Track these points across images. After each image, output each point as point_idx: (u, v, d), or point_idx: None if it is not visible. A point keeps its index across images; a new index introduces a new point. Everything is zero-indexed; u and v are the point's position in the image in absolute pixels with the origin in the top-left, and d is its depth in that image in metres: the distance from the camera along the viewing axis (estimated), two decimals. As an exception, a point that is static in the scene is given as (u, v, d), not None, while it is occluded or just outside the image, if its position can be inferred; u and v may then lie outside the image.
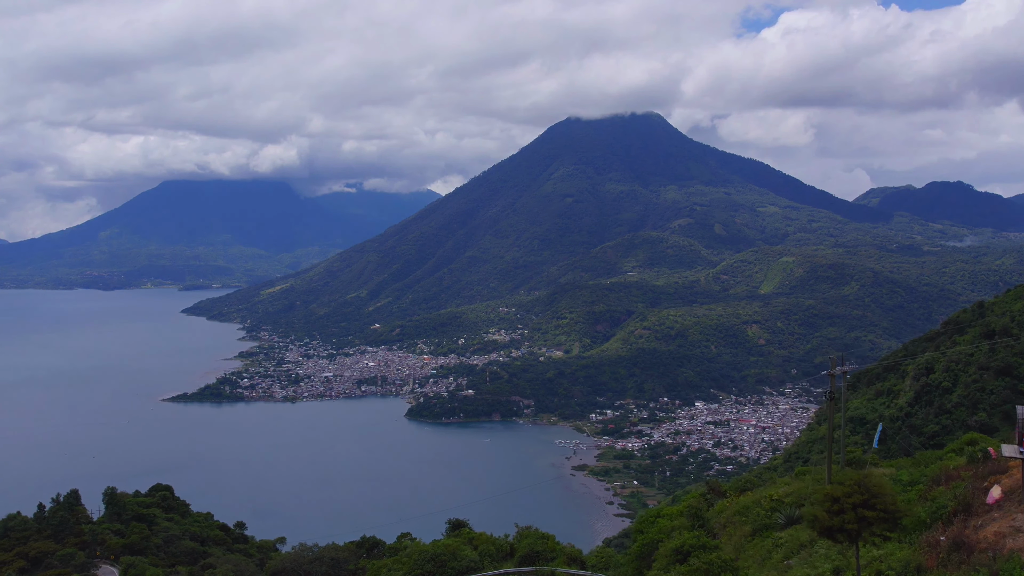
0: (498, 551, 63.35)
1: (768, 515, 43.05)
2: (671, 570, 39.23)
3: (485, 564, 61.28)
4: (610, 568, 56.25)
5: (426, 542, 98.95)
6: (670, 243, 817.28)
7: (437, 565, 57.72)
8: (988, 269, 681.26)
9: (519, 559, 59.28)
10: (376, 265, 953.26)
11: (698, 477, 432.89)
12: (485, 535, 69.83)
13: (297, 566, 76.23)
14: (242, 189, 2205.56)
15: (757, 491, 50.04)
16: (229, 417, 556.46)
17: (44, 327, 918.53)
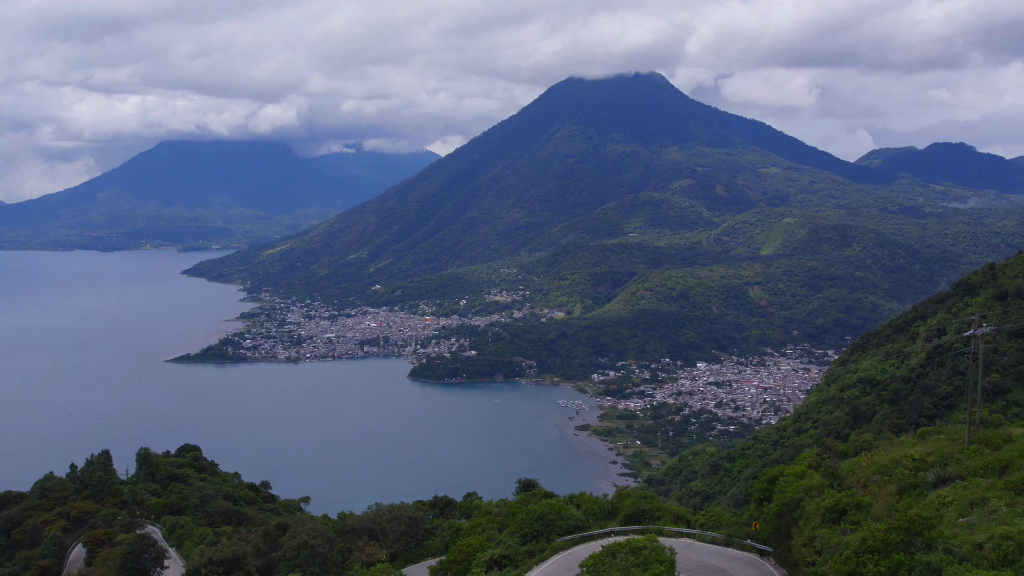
0: (601, 510, 64.08)
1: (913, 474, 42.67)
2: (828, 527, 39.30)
3: (590, 523, 62.29)
4: (721, 527, 56.49)
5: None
6: (672, 204, 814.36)
7: (545, 524, 58.38)
8: (990, 231, 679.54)
9: (623, 518, 59.93)
10: (376, 226, 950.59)
11: (700, 437, 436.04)
12: (586, 494, 70.30)
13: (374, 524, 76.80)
14: (241, 150, 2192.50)
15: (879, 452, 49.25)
16: (233, 378, 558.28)
17: (44, 289, 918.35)
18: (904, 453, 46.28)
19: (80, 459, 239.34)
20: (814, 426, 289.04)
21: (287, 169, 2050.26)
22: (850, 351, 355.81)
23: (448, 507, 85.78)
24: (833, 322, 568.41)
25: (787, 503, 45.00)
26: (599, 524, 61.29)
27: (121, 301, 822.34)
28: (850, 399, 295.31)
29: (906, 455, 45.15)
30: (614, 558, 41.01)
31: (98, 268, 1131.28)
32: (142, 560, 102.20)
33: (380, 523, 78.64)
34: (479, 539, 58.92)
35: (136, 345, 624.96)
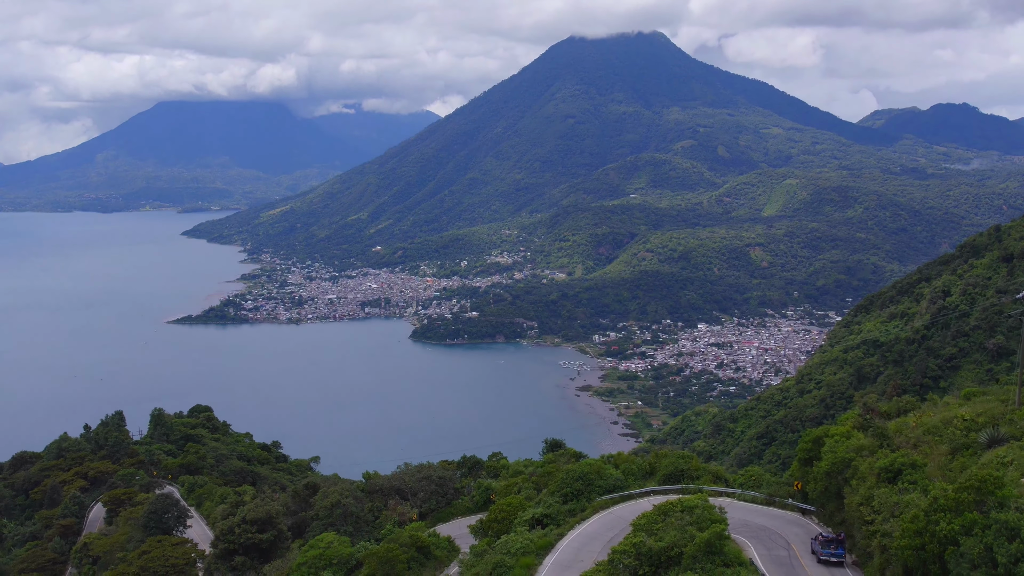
0: (639, 470, 64.62)
1: (964, 435, 42.79)
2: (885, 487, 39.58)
3: (629, 482, 62.86)
4: (762, 487, 56.95)
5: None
6: (673, 165, 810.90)
7: (585, 484, 58.91)
8: (992, 193, 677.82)
9: (662, 478, 60.47)
10: (376, 187, 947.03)
11: (701, 398, 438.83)
12: (624, 454, 70.82)
13: (403, 484, 77.36)
14: (239, 110, 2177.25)
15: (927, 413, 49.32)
16: (236, 339, 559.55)
17: (45, 250, 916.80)
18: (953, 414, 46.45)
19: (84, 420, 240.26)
20: (817, 387, 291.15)
21: (286, 130, 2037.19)
22: (854, 312, 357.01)
23: (476, 467, 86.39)
24: (834, 284, 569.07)
25: (837, 463, 45.29)
26: (638, 483, 61.80)
27: (122, 263, 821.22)
28: (854, 360, 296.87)
29: (956, 416, 45.33)
30: (666, 517, 41.39)
31: (98, 230, 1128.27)
32: (165, 519, 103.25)
33: (409, 483, 79.18)
34: (518, 499, 59.47)
35: (137, 306, 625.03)
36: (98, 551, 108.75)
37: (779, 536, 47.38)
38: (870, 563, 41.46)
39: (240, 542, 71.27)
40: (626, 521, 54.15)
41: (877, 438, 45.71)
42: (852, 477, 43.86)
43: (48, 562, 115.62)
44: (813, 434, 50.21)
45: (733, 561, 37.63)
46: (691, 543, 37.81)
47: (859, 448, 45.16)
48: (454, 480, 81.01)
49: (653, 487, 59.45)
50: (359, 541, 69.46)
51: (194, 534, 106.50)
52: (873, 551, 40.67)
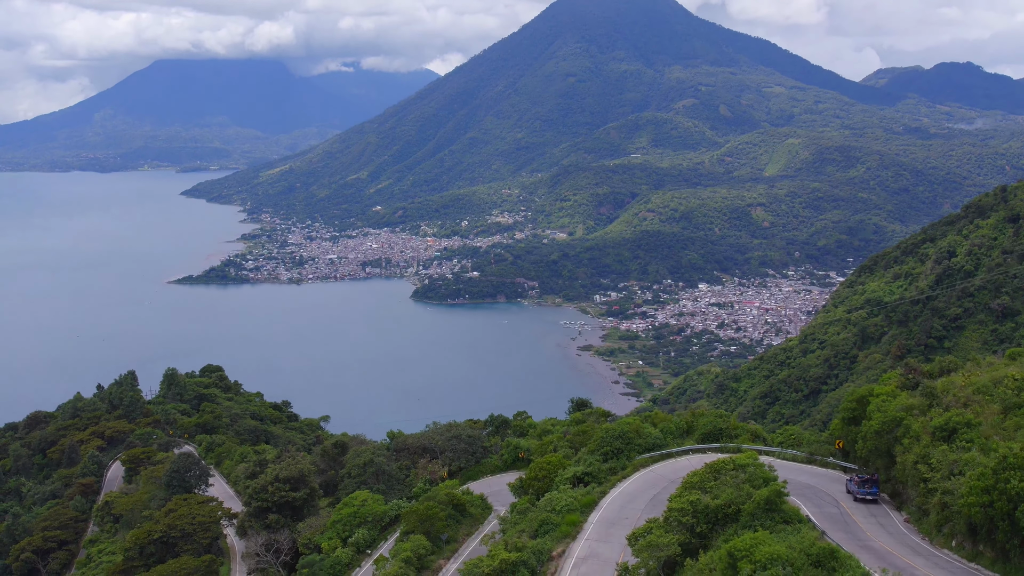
0: (676, 428, 65.04)
1: (1016, 394, 42.97)
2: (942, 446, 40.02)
3: (668, 441, 63.26)
4: (802, 446, 57.46)
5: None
6: (675, 124, 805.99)
7: (625, 442, 59.41)
8: (995, 152, 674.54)
9: (700, 436, 60.99)
10: (376, 147, 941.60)
11: (702, 358, 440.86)
12: (660, 413, 71.29)
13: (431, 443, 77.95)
14: (237, 69, 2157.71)
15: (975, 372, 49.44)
16: (237, 299, 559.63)
17: (44, 210, 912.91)
18: (1002, 374, 46.59)
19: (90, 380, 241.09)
20: (821, 347, 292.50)
21: (285, 88, 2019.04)
22: (857, 273, 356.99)
23: (503, 426, 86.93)
24: (835, 244, 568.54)
25: (887, 422, 45.57)
26: (676, 442, 62.25)
27: (121, 223, 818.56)
28: (858, 320, 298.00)
29: (1006, 375, 45.49)
30: (718, 475, 41.76)
31: (97, 189, 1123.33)
32: (187, 478, 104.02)
33: (438, 441, 79.72)
34: (557, 457, 59.97)
35: (138, 266, 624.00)
36: (120, 509, 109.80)
37: (825, 494, 47.95)
38: (925, 519, 42.05)
39: (273, 500, 71.97)
40: (667, 479, 54.75)
41: (926, 397, 46.00)
42: (903, 436, 44.21)
43: (70, 520, 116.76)
44: (857, 393, 50.49)
45: (792, 518, 38.17)
46: (749, 501, 38.32)
47: (909, 407, 45.47)
48: (482, 439, 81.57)
49: (692, 446, 59.96)
50: (392, 499, 70.17)
51: (215, 493, 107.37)
52: (930, 508, 41.22)
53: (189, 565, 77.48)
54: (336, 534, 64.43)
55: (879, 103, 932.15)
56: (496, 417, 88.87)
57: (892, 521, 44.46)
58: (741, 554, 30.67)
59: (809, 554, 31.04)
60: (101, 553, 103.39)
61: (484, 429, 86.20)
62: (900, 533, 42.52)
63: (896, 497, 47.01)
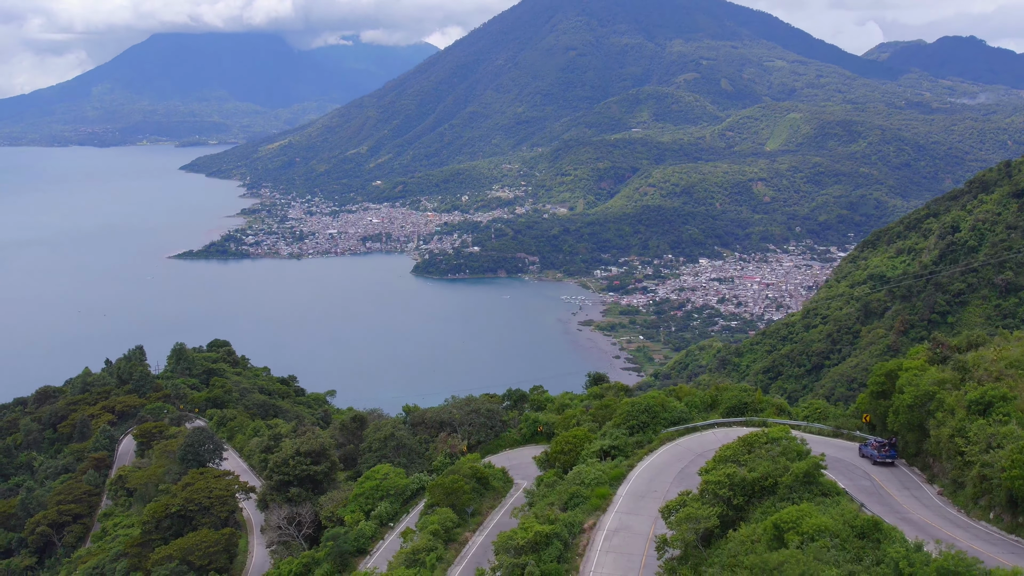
0: (701, 402, 65.62)
1: None
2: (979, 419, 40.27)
3: (693, 415, 63.82)
4: (828, 419, 57.78)
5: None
6: (676, 99, 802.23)
7: (650, 416, 59.78)
8: (997, 127, 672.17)
9: (725, 410, 61.41)
10: (376, 121, 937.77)
11: (703, 333, 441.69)
12: (685, 387, 71.57)
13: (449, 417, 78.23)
14: (236, 42, 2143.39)
15: (1007, 347, 49.49)
16: (238, 274, 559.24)
17: (44, 185, 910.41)
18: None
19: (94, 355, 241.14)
20: (823, 322, 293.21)
21: (283, 62, 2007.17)
22: (860, 248, 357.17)
23: (521, 400, 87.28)
24: (836, 219, 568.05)
25: (920, 396, 45.79)
26: (701, 416, 62.53)
27: (121, 197, 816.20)
28: (860, 296, 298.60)
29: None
30: (752, 449, 42.00)
31: (96, 164, 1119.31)
32: (201, 452, 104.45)
33: (456, 416, 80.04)
34: (583, 430, 60.27)
35: (138, 241, 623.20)
36: (134, 483, 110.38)
37: (856, 467, 48.30)
38: (961, 492, 42.40)
39: (295, 474, 72.36)
40: (694, 452, 55.06)
41: (958, 371, 46.23)
42: (937, 410, 44.46)
43: (84, 494, 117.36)
44: (885, 368, 50.67)
45: (830, 491, 38.49)
46: (786, 474, 38.61)
47: (941, 381, 45.70)
48: (500, 413, 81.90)
49: (717, 419, 60.24)
50: (412, 472, 70.56)
51: (229, 467, 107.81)
52: (966, 481, 41.55)
53: (209, 538, 78.01)
54: (359, 507, 64.85)
55: (881, 77, 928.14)
56: (514, 391, 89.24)
57: (925, 493, 44.91)
58: (788, 526, 30.97)
59: (853, 526, 31.37)
60: (117, 527, 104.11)
61: (501, 403, 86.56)
62: (936, 505, 42.93)
63: (927, 470, 47.41)
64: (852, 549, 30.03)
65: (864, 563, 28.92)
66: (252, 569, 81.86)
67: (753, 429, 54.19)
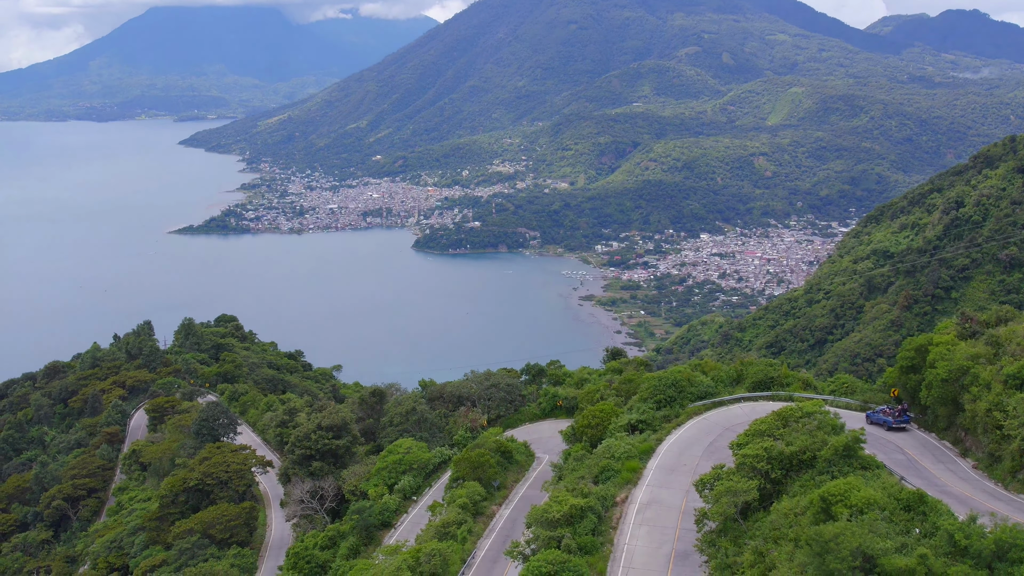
0: (727, 377, 65.89)
1: None
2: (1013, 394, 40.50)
3: (719, 389, 64.17)
4: (855, 393, 58.13)
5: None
6: (677, 72, 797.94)
7: (677, 390, 60.09)
8: (1000, 102, 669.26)
9: (750, 385, 61.72)
10: (375, 95, 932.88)
11: (704, 308, 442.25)
12: (710, 361, 71.85)
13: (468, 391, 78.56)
14: (233, 15, 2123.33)
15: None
16: (239, 249, 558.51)
17: (43, 160, 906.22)
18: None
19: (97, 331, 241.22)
20: (827, 297, 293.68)
21: (282, 36, 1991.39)
22: (863, 222, 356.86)
23: (539, 374, 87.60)
24: (838, 194, 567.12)
25: (954, 371, 45.98)
26: (727, 390, 62.79)
27: (120, 172, 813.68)
28: (864, 271, 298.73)
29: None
30: (786, 424, 42.22)
31: (95, 139, 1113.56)
32: (215, 426, 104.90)
33: (476, 390, 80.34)
34: (609, 405, 60.54)
35: (138, 216, 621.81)
36: (148, 458, 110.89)
37: (888, 441, 48.57)
38: (998, 466, 42.69)
39: (317, 448, 72.74)
40: (721, 427, 55.35)
41: (991, 346, 46.38)
42: (972, 384, 44.66)
43: (97, 468, 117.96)
44: (915, 342, 50.84)
45: (870, 464, 38.74)
46: (825, 447, 38.85)
47: (975, 356, 45.87)
48: (520, 387, 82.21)
49: (743, 394, 60.50)
50: (434, 447, 70.95)
51: (242, 441, 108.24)
52: (1003, 454, 41.83)
53: (230, 512, 78.56)
54: (382, 481, 65.30)
55: (884, 51, 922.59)
56: (532, 366, 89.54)
57: (960, 467, 45.24)
58: (835, 499, 31.19)
59: (899, 499, 31.64)
60: (132, 501, 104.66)
61: (519, 378, 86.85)
62: (973, 479, 43.28)
63: (958, 444, 47.71)
64: (899, 522, 30.31)
65: (913, 535, 29.21)
66: (272, 542, 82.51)
67: (780, 404, 54.52)
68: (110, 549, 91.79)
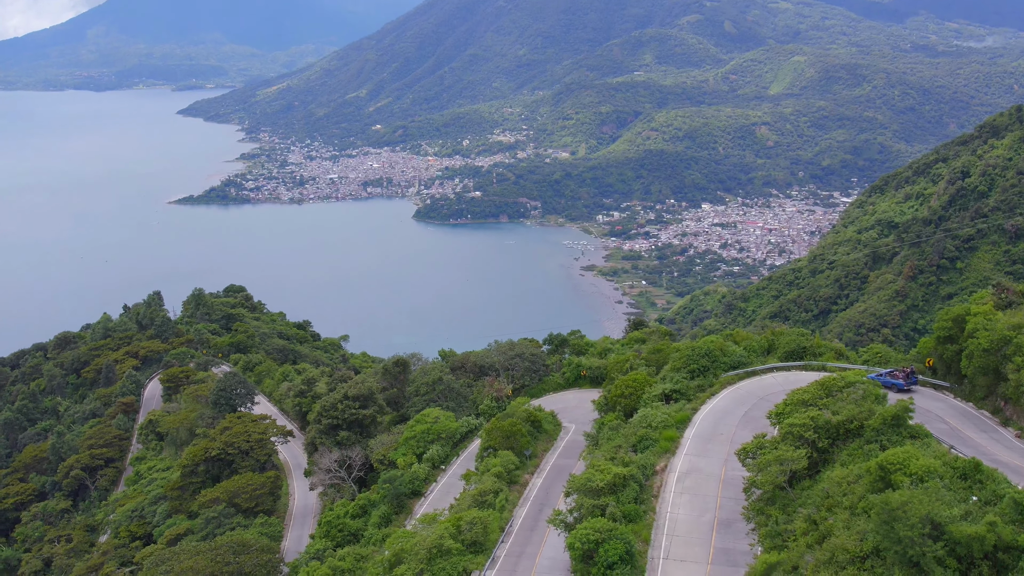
0: (759, 347, 66.19)
1: None
2: None
3: (752, 359, 64.39)
4: (889, 363, 58.37)
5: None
6: (679, 41, 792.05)
7: (711, 360, 60.31)
8: (1004, 71, 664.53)
9: (783, 354, 61.99)
10: (375, 64, 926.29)
11: (705, 278, 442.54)
12: (742, 331, 72.03)
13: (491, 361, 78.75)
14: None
15: None
16: (240, 219, 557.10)
17: (41, 130, 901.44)
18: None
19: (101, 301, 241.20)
20: (830, 268, 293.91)
21: (280, 4, 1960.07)
22: (868, 193, 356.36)
23: (562, 344, 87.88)
24: (840, 163, 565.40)
25: (996, 341, 46.16)
26: (759, 360, 63.02)
27: (119, 142, 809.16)
28: (868, 241, 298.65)
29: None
30: (829, 393, 42.45)
31: (93, 109, 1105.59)
32: (233, 396, 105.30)
33: (500, 360, 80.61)
34: (643, 374, 60.78)
35: (138, 186, 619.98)
36: (165, 427, 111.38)
37: (926, 411, 48.74)
38: (1043, 434, 43.03)
39: (344, 417, 73.10)
40: (756, 396, 55.65)
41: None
42: (1015, 354, 44.85)
43: (114, 438, 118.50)
44: (952, 313, 51.00)
45: (919, 433, 39.00)
46: (873, 416, 39.08)
47: (1017, 326, 46.03)
48: (543, 357, 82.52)
49: (775, 363, 60.72)
50: (460, 416, 71.30)
51: (259, 411, 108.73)
52: (1048, 424, 42.13)
53: (255, 481, 79.08)
54: (410, 450, 65.69)
55: (887, 20, 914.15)
56: (555, 336, 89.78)
57: (1004, 436, 45.58)
58: (894, 467, 31.42)
59: (954, 467, 31.92)
60: (151, 470, 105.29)
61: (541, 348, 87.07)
62: (1018, 447, 43.58)
63: (998, 413, 47.98)
64: (956, 490, 30.59)
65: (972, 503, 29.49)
66: (295, 510, 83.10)
67: (813, 373, 54.74)
68: (132, 518, 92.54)
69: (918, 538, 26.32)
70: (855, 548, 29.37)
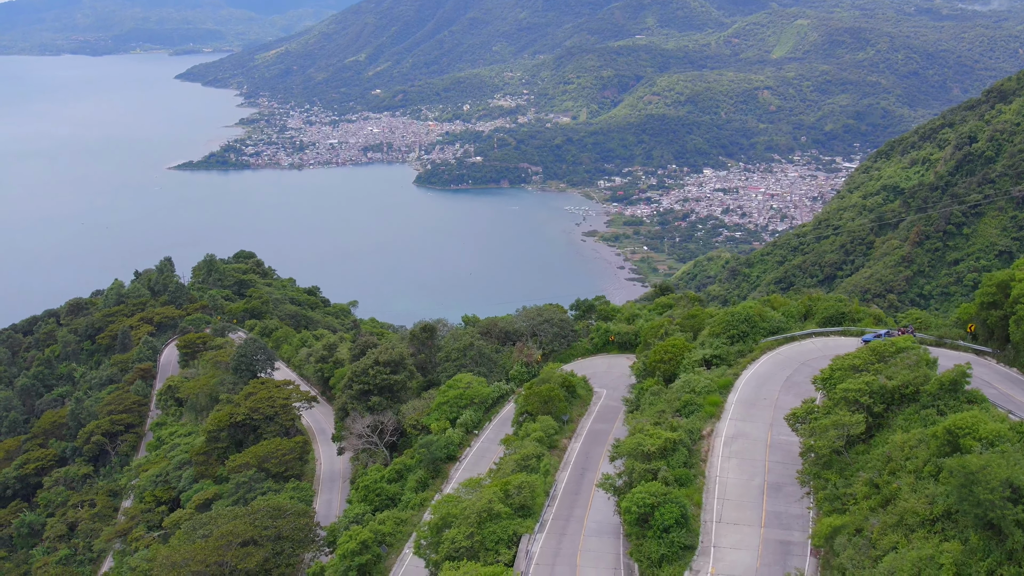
0: (796, 313, 66.26)
1: None
2: None
3: (791, 325, 64.46)
4: (930, 328, 58.51)
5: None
6: (681, 4, 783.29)
7: (750, 326, 60.48)
8: (1009, 35, 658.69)
9: (821, 320, 62.07)
10: (374, 28, 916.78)
11: (707, 244, 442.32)
12: (779, 297, 72.18)
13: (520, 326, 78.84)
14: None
15: None
16: (240, 185, 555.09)
17: (38, 96, 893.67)
18: None
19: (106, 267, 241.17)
20: (836, 233, 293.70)
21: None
22: (873, 158, 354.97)
23: (589, 310, 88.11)
24: (843, 128, 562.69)
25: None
26: (798, 326, 63.22)
27: (117, 107, 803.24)
28: (874, 206, 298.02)
29: None
30: (881, 358, 42.64)
31: (90, 73, 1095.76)
32: (254, 361, 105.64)
33: (526, 327, 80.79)
34: (682, 340, 60.97)
35: (137, 152, 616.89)
36: (185, 393, 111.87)
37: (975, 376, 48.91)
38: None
39: (375, 383, 73.37)
40: (797, 361, 55.94)
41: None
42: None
43: (133, 404, 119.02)
44: (996, 278, 51.05)
45: (976, 399, 39.29)
46: (929, 382, 39.36)
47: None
48: (571, 322, 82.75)
49: (814, 329, 60.94)
50: (492, 382, 71.59)
51: (280, 377, 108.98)
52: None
53: (284, 446, 79.60)
54: (443, 415, 66.07)
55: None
56: (582, 302, 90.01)
57: None
58: (963, 431, 31.71)
59: (1020, 431, 32.21)
60: (173, 436, 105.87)
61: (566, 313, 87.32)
62: (1070, 412, 43.99)
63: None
64: (1023, 453, 30.85)
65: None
66: (322, 475, 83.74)
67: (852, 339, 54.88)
68: (156, 483, 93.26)
69: (999, 501, 26.61)
70: (925, 511, 29.70)
